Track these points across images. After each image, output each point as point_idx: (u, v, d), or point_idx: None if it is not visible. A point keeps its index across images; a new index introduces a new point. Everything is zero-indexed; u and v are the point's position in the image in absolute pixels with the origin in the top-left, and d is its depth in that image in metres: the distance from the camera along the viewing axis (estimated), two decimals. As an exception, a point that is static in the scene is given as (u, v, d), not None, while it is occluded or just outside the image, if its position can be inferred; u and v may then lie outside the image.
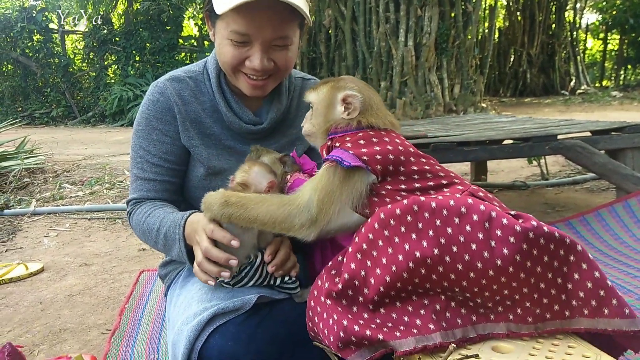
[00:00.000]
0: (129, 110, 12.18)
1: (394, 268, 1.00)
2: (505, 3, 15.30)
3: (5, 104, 13.24)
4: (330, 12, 9.69)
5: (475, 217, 0.98)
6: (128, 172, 5.35)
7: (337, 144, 1.15)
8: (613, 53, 19.13)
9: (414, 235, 1.00)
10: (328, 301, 1.05)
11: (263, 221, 1.12)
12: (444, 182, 1.14)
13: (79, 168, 5.64)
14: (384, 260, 1.02)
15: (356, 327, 1.00)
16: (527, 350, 1.01)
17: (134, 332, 1.89)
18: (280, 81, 1.46)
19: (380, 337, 1.00)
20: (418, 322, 1.01)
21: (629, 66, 18.66)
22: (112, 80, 13.56)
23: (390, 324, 1.02)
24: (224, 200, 1.13)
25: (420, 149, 1.36)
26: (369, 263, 1.04)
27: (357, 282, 1.05)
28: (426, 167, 1.15)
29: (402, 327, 1.02)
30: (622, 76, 18.32)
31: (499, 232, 0.96)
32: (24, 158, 5.12)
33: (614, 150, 3.01)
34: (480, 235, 0.97)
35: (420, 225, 1.00)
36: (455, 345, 0.91)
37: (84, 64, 14.10)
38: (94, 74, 13.66)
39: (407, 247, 1.00)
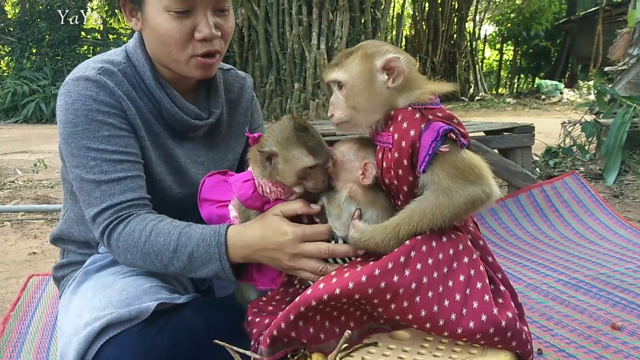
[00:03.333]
0: (23, 106, 11.30)
1: (363, 279, 0.94)
2: (411, 12, 16.00)
3: None
4: (244, 11, 9.57)
5: (461, 278, 0.97)
6: (21, 171, 4.95)
7: (430, 117, 1.01)
8: (508, 63, 20.68)
9: (402, 259, 0.96)
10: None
11: (451, 219, 0.99)
12: None
13: (-38, 167, 5.12)
14: (358, 268, 0.98)
15: (283, 324, 0.98)
16: (422, 336, 1.05)
17: (19, 341, 1.74)
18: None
19: (305, 340, 0.99)
20: (343, 318, 1.01)
21: (522, 75, 20.29)
22: (5, 74, 12.50)
23: (314, 328, 1.00)
24: (398, 236, 0.99)
25: (330, 145, 1.37)
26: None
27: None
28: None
29: (327, 324, 1.00)
30: (516, 84, 19.86)
31: (475, 305, 0.95)
32: None
33: (505, 149, 3.24)
34: (457, 297, 0.96)
35: (412, 254, 0.97)
36: (350, 332, 0.91)
37: (-28, 55, 12.89)
38: (-17, 65, 12.54)
39: (390, 266, 0.96)
